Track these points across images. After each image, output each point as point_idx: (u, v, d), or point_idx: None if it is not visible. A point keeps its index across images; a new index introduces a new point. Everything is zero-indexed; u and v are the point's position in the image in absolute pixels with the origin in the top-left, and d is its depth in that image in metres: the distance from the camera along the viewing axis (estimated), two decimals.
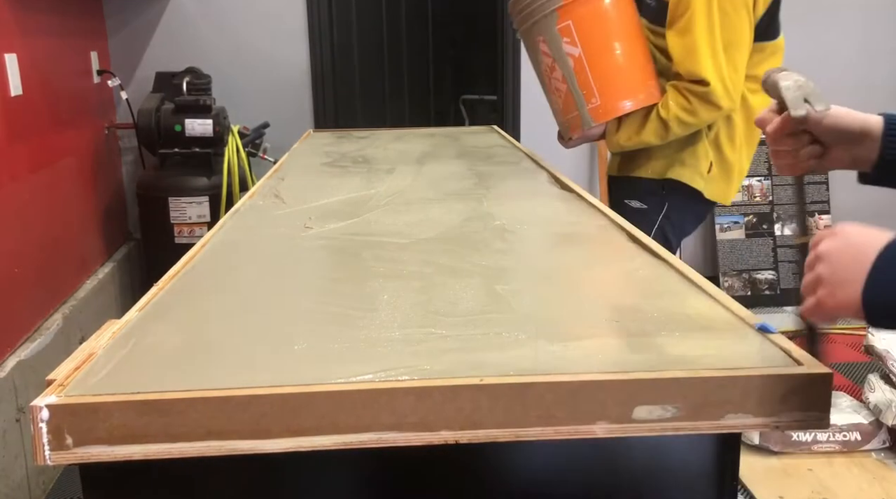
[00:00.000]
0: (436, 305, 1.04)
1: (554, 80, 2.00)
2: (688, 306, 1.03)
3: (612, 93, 1.93)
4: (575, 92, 1.96)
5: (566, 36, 1.92)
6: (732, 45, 1.88)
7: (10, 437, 2.22)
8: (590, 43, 1.92)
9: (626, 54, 1.94)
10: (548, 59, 1.99)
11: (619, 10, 1.94)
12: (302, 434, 0.79)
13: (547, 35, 1.96)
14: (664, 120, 1.91)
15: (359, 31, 3.65)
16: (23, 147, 2.55)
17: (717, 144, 2.04)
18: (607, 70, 1.94)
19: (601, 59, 1.93)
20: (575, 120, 2.01)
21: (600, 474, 0.90)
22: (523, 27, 2.04)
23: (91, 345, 0.91)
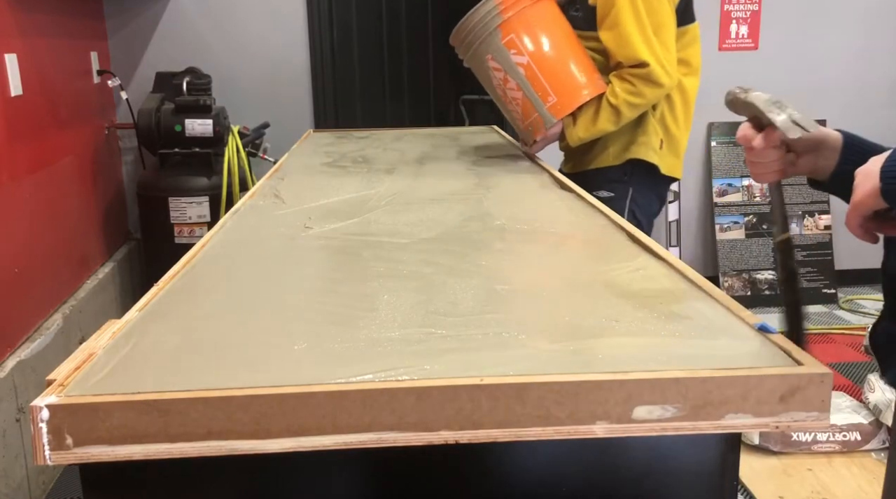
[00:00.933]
0: (436, 305, 1.04)
1: (509, 91, 2.12)
2: (688, 306, 1.03)
3: (566, 88, 2.07)
4: (531, 96, 2.07)
5: (512, 48, 2.06)
6: (660, 27, 2.06)
7: (10, 437, 2.22)
8: (535, 49, 2.06)
9: (568, 51, 2.09)
10: (499, 74, 2.11)
11: (551, 13, 2.10)
12: (302, 434, 0.79)
13: (494, 52, 2.08)
14: (614, 106, 2.07)
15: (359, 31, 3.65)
16: (23, 147, 2.55)
17: (664, 123, 2.23)
18: (556, 69, 2.07)
19: (548, 60, 2.06)
20: (536, 122, 2.11)
21: (600, 474, 0.90)
22: (469, 53, 2.15)
23: (91, 345, 0.91)
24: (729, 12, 3.83)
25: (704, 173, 3.95)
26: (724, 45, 3.86)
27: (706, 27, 3.83)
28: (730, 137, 3.92)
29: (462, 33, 2.14)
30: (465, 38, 2.13)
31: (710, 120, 3.90)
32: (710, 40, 3.85)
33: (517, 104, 2.13)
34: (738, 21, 3.84)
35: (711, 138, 3.90)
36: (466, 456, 0.85)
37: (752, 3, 3.81)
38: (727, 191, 3.90)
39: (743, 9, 3.82)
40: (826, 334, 3.48)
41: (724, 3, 3.81)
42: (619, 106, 2.07)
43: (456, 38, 2.16)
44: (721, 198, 3.90)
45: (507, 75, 2.09)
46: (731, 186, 3.91)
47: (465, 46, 2.15)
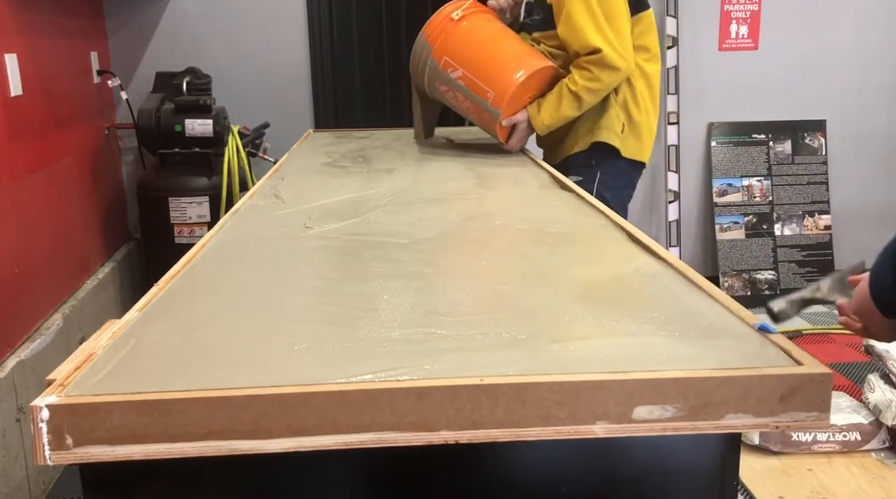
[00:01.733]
0: (436, 305, 1.04)
1: (462, 104, 2.34)
2: (688, 306, 1.03)
3: (499, 80, 2.23)
4: (477, 100, 2.27)
5: (448, 68, 2.29)
6: (612, 16, 2.19)
7: (10, 437, 2.22)
8: (464, 60, 2.27)
9: (496, 51, 2.28)
10: (450, 93, 2.35)
11: (475, 26, 2.32)
12: (302, 434, 0.79)
13: (440, 78, 2.34)
14: (574, 92, 2.22)
15: (359, 31, 3.65)
16: (23, 147, 2.55)
17: (626, 108, 2.35)
18: (487, 69, 2.26)
19: (478, 65, 2.26)
20: (490, 120, 2.29)
21: (600, 474, 0.90)
22: (429, 89, 2.41)
23: (91, 345, 0.91)
24: (729, 12, 3.83)
25: (704, 173, 3.95)
26: (724, 45, 3.86)
27: (706, 27, 3.83)
28: (730, 136, 3.92)
29: (415, 75, 2.41)
30: (419, 79, 2.39)
31: (710, 120, 3.90)
32: (710, 40, 3.85)
33: (472, 113, 2.34)
34: (738, 21, 3.84)
35: (711, 138, 3.90)
36: (466, 456, 0.86)
37: (752, 3, 3.81)
38: (727, 191, 3.90)
39: (743, 9, 3.82)
40: (826, 334, 3.48)
41: (724, 3, 3.81)
42: (579, 92, 2.21)
43: (414, 80, 2.45)
44: (721, 198, 3.90)
45: (455, 93, 2.31)
46: (731, 186, 3.90)
47: (421, 84, 2.42)
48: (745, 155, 3.92)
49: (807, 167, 3.95)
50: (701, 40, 3.84)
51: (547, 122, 2.28)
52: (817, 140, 3.97)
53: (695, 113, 3.88)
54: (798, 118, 3.94)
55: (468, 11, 2.32)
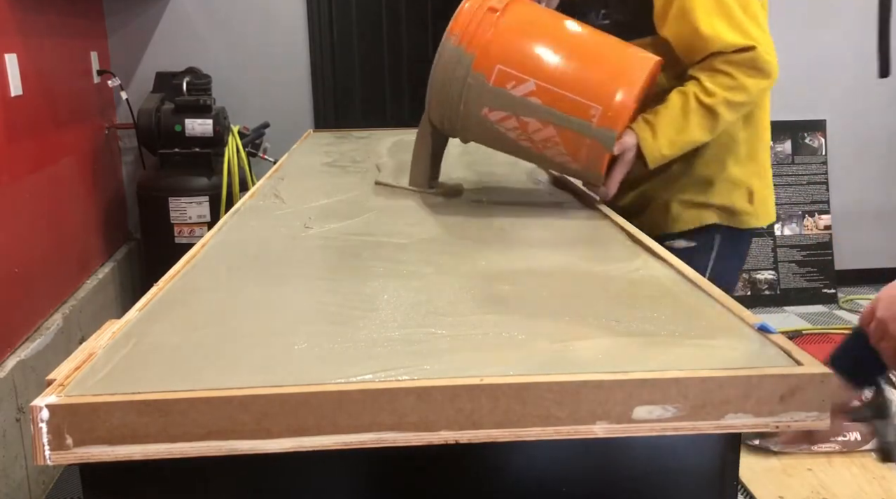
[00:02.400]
0: (436, 305, 1.04)
1: (535, 134, 1.52)
2: (688, 306, 1.03)
3: (605, 84, 1.48)
4: (568, 122, 1.48)
5: (508, 82, 1.48)
6: (748, 5, 1.56)
7: (10, 437, 2.22)
8: (535, 65, 1.49)
9: (581, 43, 1.55)
10: (510, 122, 1.52)
11: (527, 13, 1.56)
12: (302, 434, 0.79)
13: (487, 99, 1.51)
14: (709, 107, 1.54)
15: (359, 31, 3.65)
16: (23, 147, 2.55)
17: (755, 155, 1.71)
18: (577, 71, 1.49)
19: (559, 68, 1.49)
20: (593, 150, 1.49)
21: (600, 474, 0.90)
22: (460, 123, 1.58)
23: (91, 345, 0.91)
24: None
25: None
26: None
27: None
28: None
29: (438, 107, 1.59)
30: (444, 110, 1.58)
31: None
32: None
33: (555, 144, 1.51)
34: None
35: None
36: (466, 456, 0.85)
37: None
38: None
39: None
40: (826, 334, 3.48)
41: None
42: (716, 106, 1.53)
43: (435, 115, 1.61)
44: None
45: (520, 118, 1.50)
46: None
47: (451, 118, 1.58)
48: None
49: (807, 167, 3.95)
50: None
51: (665, 151, 1.56)
52: (817, 140, 3.97)
53: None
54: (798, 118, 3.94)
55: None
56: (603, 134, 1.47)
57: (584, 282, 1.15)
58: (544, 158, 1.57)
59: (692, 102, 1.55)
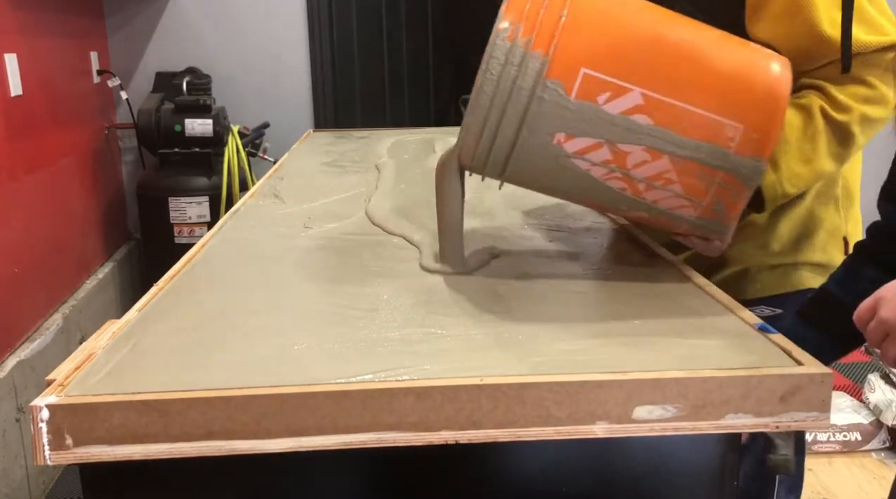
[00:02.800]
0: (436, 305, 1.04)
1: (636, 170, 1.04)
2: (688, 306, 1.03)
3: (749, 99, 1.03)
4: (691, 149, 1.02)
5: (601, 91, 1.00)
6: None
7: (9, 437, 2.22)
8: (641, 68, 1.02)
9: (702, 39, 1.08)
10: (598, 153, 1.03)
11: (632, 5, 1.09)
12: (302, 434, 0.79)
13: (565, 120, 1.02)
14: (843, 126, 1.17)
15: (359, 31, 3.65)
16: (23, 147, 2.55)
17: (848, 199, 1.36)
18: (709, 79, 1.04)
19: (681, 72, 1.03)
20: (727, 188, 1.05)
21: (600, 474, 0.90)
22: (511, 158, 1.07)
23: (91, 345, 0.91)
24: None
25: None
26: None
27: None
28: None
29: (483, 133, 1.05)
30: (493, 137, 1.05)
31: None
32: None
33: (668, 182, 1.05)
34: None
35: None
36: (466, 456, 0.85)
37: None
38: None
39: None
40: None
41: None
42: (852, 125, 1.17)
43: (471, 147, 1.08)
44: None
45: (616, 147, 1.02)
46: None
47: (499, 149, 1.06)
48: None
49: None
50: None
51: (790, 189, 1.20)
52: None
53: None
54: None
55: None
56: (745, 165, 1.03)
57: (583, 282, 1.15)
58: (643, 205, 1.09)
59: (819, 121, 1.16)
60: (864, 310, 0.88)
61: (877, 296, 0.87)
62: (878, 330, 0.86)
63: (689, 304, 1.04)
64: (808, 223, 1.32)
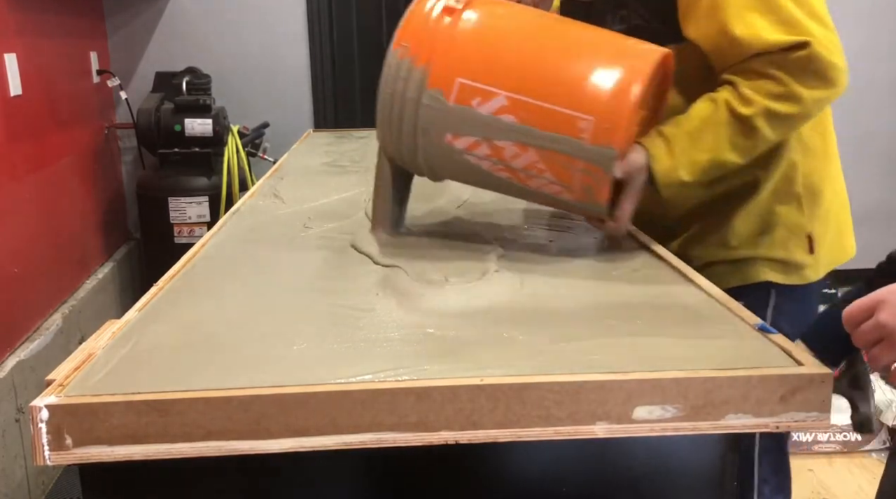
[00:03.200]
0: (436, 305, 1.04)
1: (514, 162, 1.20)
2: (688, 306, 1.03)
3: (598, 92, 1.14)
4: (552, 141, 1.15)
5: (473, 96, 1.17)
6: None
7: (9, 437, 2.22)
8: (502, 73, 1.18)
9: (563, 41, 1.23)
10: (481, 149, 1.20)
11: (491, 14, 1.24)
12: (302, 434, 0.79)
13: (449, 122, 1.19)
14: (746, 119, 1.21)
15: (359, 31, 3.65)
16: (23, 147, 2.55)
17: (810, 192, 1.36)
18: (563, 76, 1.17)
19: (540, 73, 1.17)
20: (589, 175, 1.17)
21: (600, 474, 0.90)
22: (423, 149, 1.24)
23: (91, 345, 0.91)
24: None
25: None
26: None
27: None
28: None
29: (390, 137, 1.25)
30: (398, 141, 1.25)
31: None
32: None
33: (540, 171, 1.19)
34: None
35: None
36: (466, 456, 0.85)
37: None
38: None
39: None
40: None
41: None
42: (754, 119, 1.20)
43: (389, 148, 1.29)
44: None
45: (492, 143, 1.18)
46: None
47: (409, 151, 1.25)
48: None
49: None
50: None
51: (685, 176, 1.23)
52: None
53: None
54: None
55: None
56: (598, 153, 1.14)
57: (584, 281, 1.15)
58: (530, 191, 1.24)
59: (723, 112, 1.22)
60: (859, 311, 0.84)
61: (876, 298, 0.83)
62: (874, 333, 0.83)
63: (689, 304, 1.04)
64: (768, 219, 1.35)
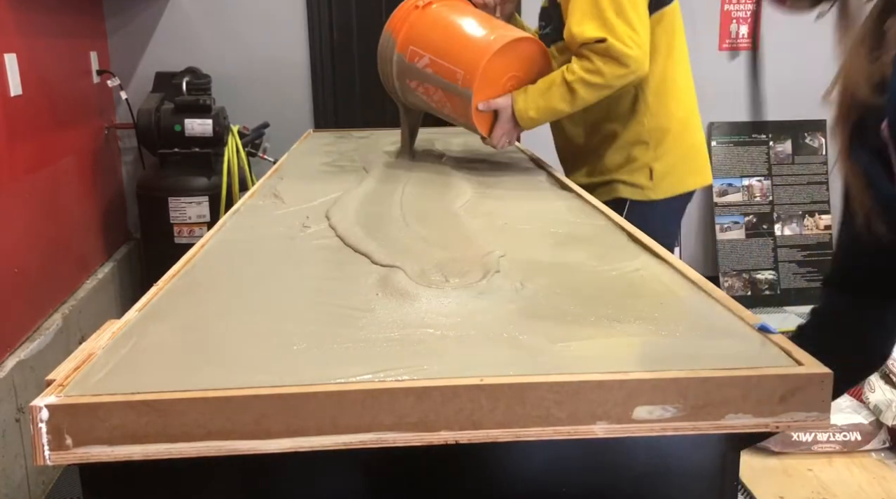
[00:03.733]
0: (436, 305, 1.04)
1: (435, 98, 2.00)
2: (688, 306, 1.03)
3: (468, 54, 1.89)
4: (447, 86, 1.93)
5: (415, 58, 1.98)
6: (622, 9, 1.82)
7: (9, 437, 2.22)
8: (429, 43, 1.96)
9: (464, 28, 1.96)
10: (421, 88, 2.01)
11: (441, 9, 2.01)
12: (302, 434, 0.79)
13: (409, 74, 2.01)
14: (569, 83, 1.86)
15: (359, 31, 3.65)
16: (23, 147, 2.55)
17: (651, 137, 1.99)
18: (454, 46, 1.93)
19: (444, 44, 1.94)
20: (464, 107, 1.92)
21: (600, 474, 0.90)
22: (401, 91, 2.09)
23: (91, 345, 0.91)
24: (729, 12, 3.83)
25: None
26: (724, 45, 3.86)
27: (706, 27, 3.83)
28: (730, 136, 3.92)
29: (387, 81, 2.12)
30: (390, 84, 2.11)
31: (710, 120, 3.90)
32: (710, 40, 3.85)
33: (444, 104, 1.99)
34: (738, 21, 3.84)
35: (711, 138, 3.90)
36: (466, 456, 0.85)
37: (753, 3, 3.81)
38: (727, 191, 3.90)
39: (743, 9, 3.82)
40: None
41: (724, 3, 3.81)
42: (574, 83, 1.85)
43: (388, 88, 2.14)
44: (721, 198, 3.90)
45: (425, 85, 1.99)
46: (731, 186, 3.90)
47: (398, 90, 2.10)
48: (745, 155, 3.92)
49: (807, 167, 3.95)
50: (701, 40, 3.84)
51: (532, 114, 1.90)
52: (817, 140, 3.97)
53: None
54: (798, 118, 3.94)
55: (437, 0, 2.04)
56: (465, 93, 1.90)
57: (584, 282, 1.15)
58: (446, 115, 2.05)
59: (558, 78, 1.88)
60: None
61: None
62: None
63: (689, 304, 1.04)
64: (626, 156, 2.01)
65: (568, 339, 0.92)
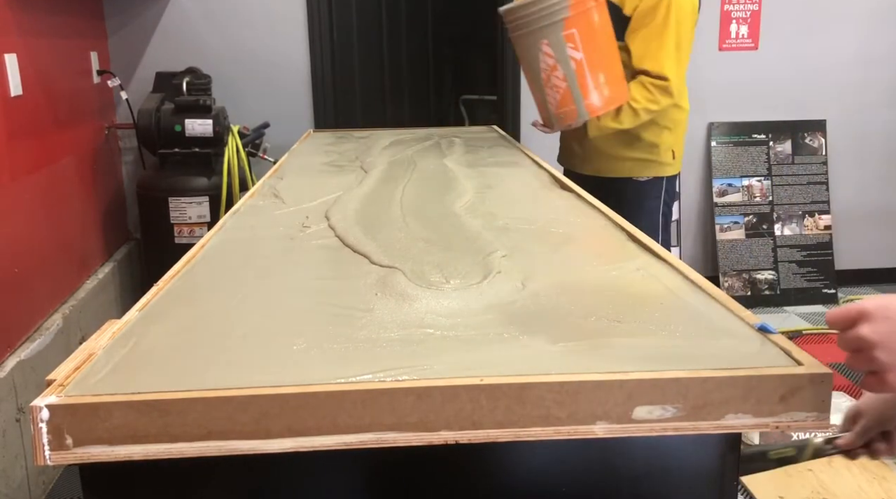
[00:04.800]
0: (435, 305, 1.04)
1: (554, 78, 2.24)
2: (688, 306, 1.03)
3: (604, 92, 2.24)
4: (574, 90, 2.23)
5: (570, 42, 2.18)
6: (682, 50, 2.34)
7: (10, 437, 2.22)
8: (589, 48, 2.19)
9: (612, 58, 2.27)
10: (550, 60, 2.22)
11: (605, 19, 2.25)
12: (302, 434, 0.79)
13: (552, 39, 2.19)
14: (635, 109, 2.32)
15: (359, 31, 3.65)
16: (23, 147, 2.55)
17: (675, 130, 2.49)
18: (601, 72, 2.23)
19: (597, 62, 2.22)
20: (570, 113, 2.28)
21: (600, 474, 0.90)
22: (522, 32, 2.24)
23: (91, 345, 0.91)
24: (729, 12, 3.83)
25: (704, 173, 3.95)
26: (724, 45, 3.86)
27: (706, 27, 3.83)
28: (730, 136, 3.92)
29: (521, 13, 2.23)
30: (523, 19, 2.22)
31: (710, 120, 3.90)
32: (710, 40, 3.85)
33: (557, 91, 2.25)
34: (738, 21, 3.84)
35: (711, 138, 3.90)
36: (466, 456, 0.85)
37: (752, 3, 3.81)
38: (727, 191, 3.90)
39: (743, 9, 3.82)
40: (826, 334, 3.48)
41: (724, 3, 3.81)
42: (639, 110, 2.31)
43: (511, 14, 2.25)
44: (721, 198, 3.90)
45: (557, 64, 2.20)
46: (731, 186, 3.90)
47: (520, 26, 2.24)
48: (745, 155, 3.92)
49: (807, 167, 3.95)
50: (701, 40, 3.84)
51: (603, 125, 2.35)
52: (817, 140, 3.97)
53: (695, 113, 3.85)
54: (798, 118, 3.94)
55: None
56: (583, 111, 2.25)
57: (584, 282, 1.15)
58: (541, 88, 2.29)
59: (625, 104, 2.31)
60: (842, 319, 0.81)
61: (861, 309, 0.79)
62: (852, 344, 0.80)
63: (689, 304, 1.04)
64: (656, 141, 2.46)
65: (568, 339, 0.92)
